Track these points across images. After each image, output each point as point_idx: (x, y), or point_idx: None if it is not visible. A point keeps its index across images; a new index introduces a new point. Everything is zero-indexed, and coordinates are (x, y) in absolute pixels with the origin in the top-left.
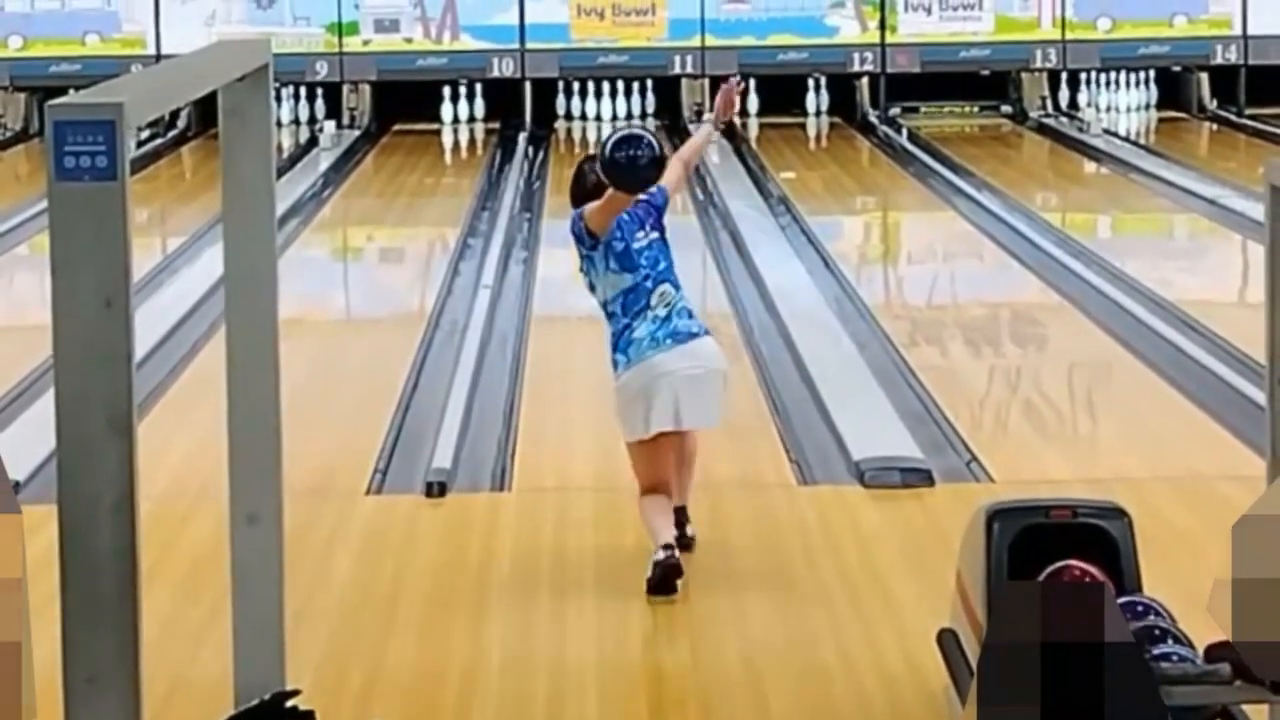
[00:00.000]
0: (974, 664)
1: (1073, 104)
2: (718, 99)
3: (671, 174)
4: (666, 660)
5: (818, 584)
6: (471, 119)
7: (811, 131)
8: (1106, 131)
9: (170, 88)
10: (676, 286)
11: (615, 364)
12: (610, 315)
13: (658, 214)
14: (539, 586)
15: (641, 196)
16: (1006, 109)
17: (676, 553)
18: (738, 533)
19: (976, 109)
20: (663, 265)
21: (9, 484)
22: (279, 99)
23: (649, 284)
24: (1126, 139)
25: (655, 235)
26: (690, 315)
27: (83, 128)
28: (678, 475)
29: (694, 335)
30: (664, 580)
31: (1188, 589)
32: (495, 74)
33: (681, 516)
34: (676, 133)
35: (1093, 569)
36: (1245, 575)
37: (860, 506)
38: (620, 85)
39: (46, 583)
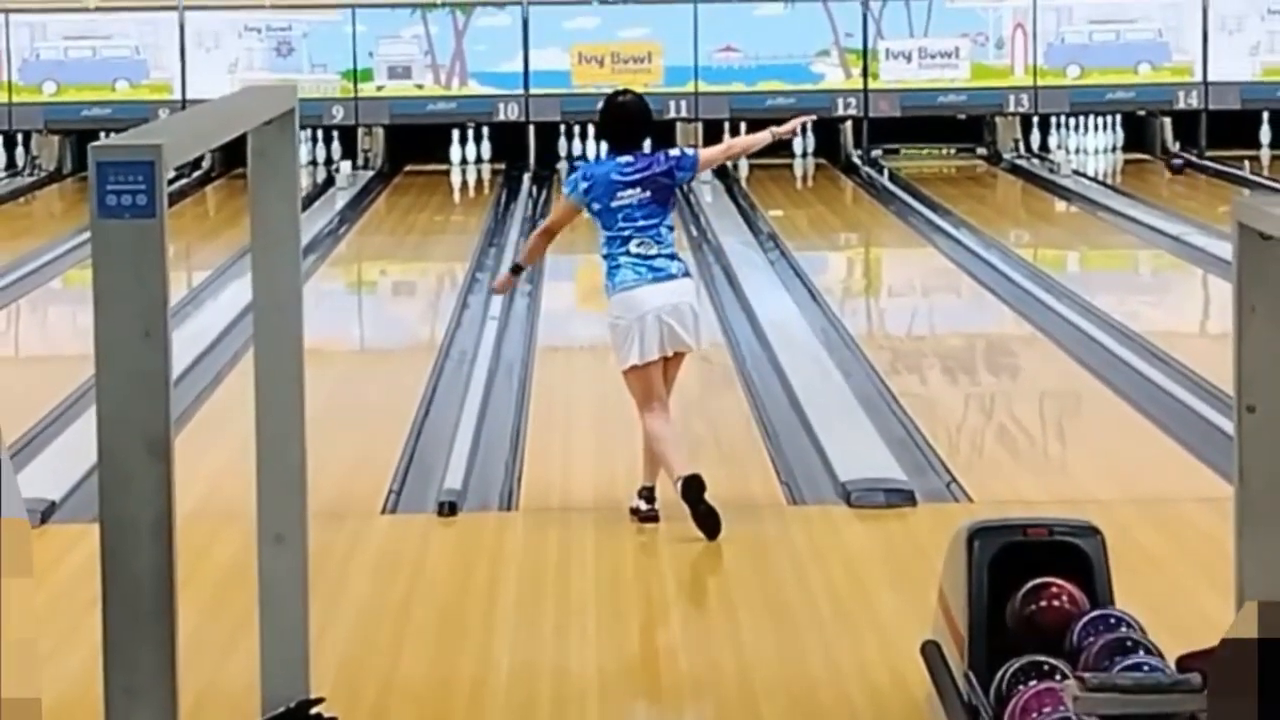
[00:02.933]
0: (956, 674)
1: (1044, 146)
2: (792, 121)
3: (709, 154)
4: (664, 670)
5: (807, 599)
6: (479, 160)
7: (798, 172)
8: (1076, 172)
9: (204, 131)
10: (659, 240)
11: (606, 289)
12: (604, 248)
13: (666, 188)
14: (544, 601)
15: (660, 166)
16: (982, 151)
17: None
18: (731, 550)
19: (953, 151)
20: (642, 223)
21: (17, 488)
22: None
23: (626, 232)
24: (1095, 179)
25: (645, 195)
26: (672, 258)
27: (124, 168)
28: (654, 452)
29: (672, 276)
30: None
31: (1156, 604)
32: (501, 118)
33: (651, 495)
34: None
35: (1069, 585)
36: None
37: (847, 525)
38: None
39: (86, 594)
